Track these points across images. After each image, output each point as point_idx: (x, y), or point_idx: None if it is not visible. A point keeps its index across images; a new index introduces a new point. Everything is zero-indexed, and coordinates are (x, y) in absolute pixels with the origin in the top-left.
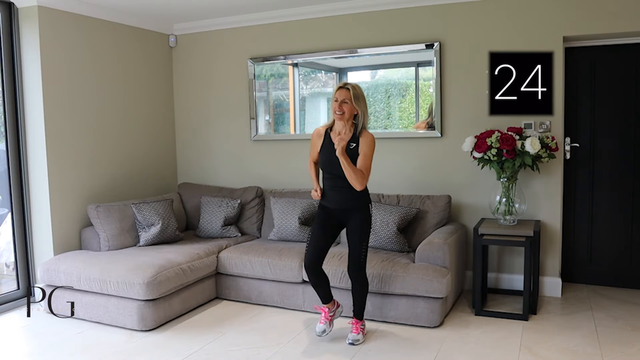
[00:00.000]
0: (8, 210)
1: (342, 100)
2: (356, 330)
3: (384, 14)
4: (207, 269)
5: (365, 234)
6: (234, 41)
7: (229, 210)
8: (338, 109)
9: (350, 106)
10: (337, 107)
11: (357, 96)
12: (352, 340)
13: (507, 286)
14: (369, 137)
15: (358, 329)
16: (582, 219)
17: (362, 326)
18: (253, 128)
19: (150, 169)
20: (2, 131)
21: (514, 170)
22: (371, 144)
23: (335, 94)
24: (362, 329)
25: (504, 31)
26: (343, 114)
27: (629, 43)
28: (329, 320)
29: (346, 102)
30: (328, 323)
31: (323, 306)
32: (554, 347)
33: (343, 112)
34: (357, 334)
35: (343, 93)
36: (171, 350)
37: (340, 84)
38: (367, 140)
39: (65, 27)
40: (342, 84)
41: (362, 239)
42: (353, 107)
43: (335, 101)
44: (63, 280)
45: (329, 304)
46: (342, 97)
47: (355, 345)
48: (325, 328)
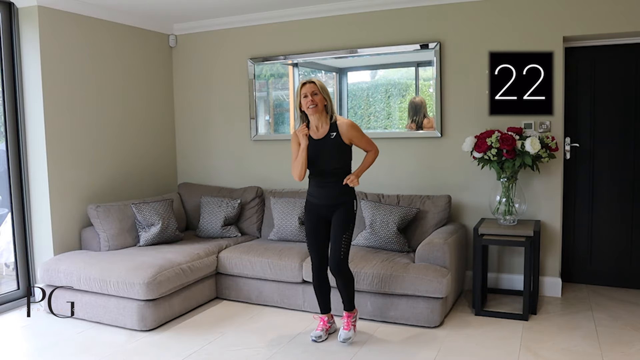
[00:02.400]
0: (8, 210)
1: (312, 93)
2: (347, 326)
3: (384, 14)
4: (207, 269)
5: (346, 228)
6: (234, 41)
7: (229, 210)
8: (311, 103)
9: (320, 96)
10: (310, 101)
11: (322, 87)
12: (343, 339)
13: (507, 286)
14: (347, 122)
15: (349, 325)
16: (582, 219)
17: (354, 320)
18: (253, 128)
19: (150, 169)
20: (2, 131)
21: (514, 170)
22: (354, 126)
23: (301, 92)
24: (354, 323)
25: (504, 31)
26: (316, 106)
27: (629, 43)
28: (327, 329)
29: (316, 94)
30: (325, 331)
31: (322, 315)
32: (554, 347)
33: (316, 104)
34: (348, 331)
35: (310, 87)
36: (171, 350)
37: (302, 82)
38: (348, 126)
39: (65, 27)
40: (303, 81)
41: (342, 233)
42: (323, 97)
43: (304, 97)
44: (63, 280)
45: (328, 315)
46: (311, 90)
47: (345, 343)
48: (322, 334)
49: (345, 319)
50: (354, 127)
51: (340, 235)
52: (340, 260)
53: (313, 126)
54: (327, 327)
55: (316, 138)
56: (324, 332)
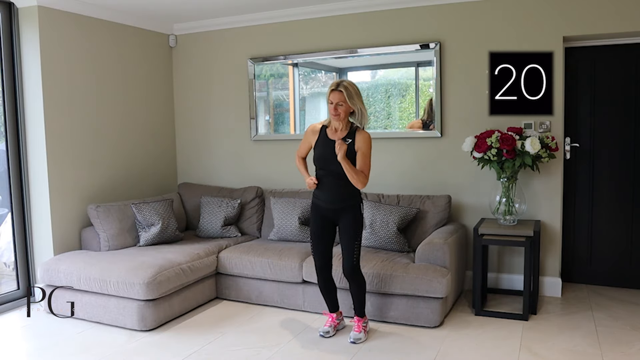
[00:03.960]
0: (8, 210)
1: (337, 103)
2: (358, 328)
3: (384, 14)
4: (207, 269)
5: (356, 233)
6: (234, 41)
7: (229, 210)
8: (334, 112)
9: (345, 107)
10: (333, 109)
11: (350, 96)
12: (353, 339)
13: (507, 286)
14: (365, 134)
15: (360, 328)
16: (582, 219)
17: (365, 324)
18: (253, 128)
19: (150, 169)
20: (2, 131)
21: (514, 170)
22: (368, 142)
23: (329, 96)
24: (365, 327)
25: (504, 31)
26: (339, 115)
27: (629, 43)
28: (335, 325)
29: (341, 105)
30: (333, 327)
31: (331, 313)
32: (554, 347)
33: (339, 114)
34: (360, 333)
35: (337, 96)
36: (171, 350)
37: (333, 85)
38: (364, 138)
39: (65, 27)
40: (334, 85)
41: (353, 239)
42: (349, 107)
43: (330, 103)
44: (63, 280)
45: (336, 313)
46: (337, 100)
47: (356, 344)
48: (330, 330)
49: (356, 322)
50: (367, 141)
51: (352, 242)
52: (354, 266)
53: (332, 126)
54: (335, 324)
55: (331, 138)
56: (332, 329)
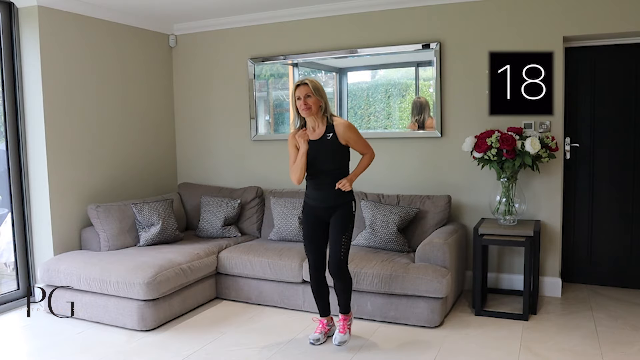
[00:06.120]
0: (8, 210)
1: (305, 95)
2: (343, 329)
3: (384, 14)
4: (207, 269)
5: (344, 229)
6: (234, 41)
7: (229, 210)
8: (304, 105)
9: (314, 99)
10: (303, 103)
11: (316, 88)
12: (338, 342)
13: (507, 286)
14: (344, 123)
15: (345, 328)
16: (582, 219)
17: (349, 323)
18: (253, 128)
19: (150, 169)
20: (2, 131)
21: (514, 170)
22: (352, 127)
23: (295, 93)
24: (349, 326)
25: (504, 31)
26: (310, 109)
27: (629, 43)
28: (325, 332)
29: (309, 96)
30: (324, 334)
31: (321, 318)
32: (554, 347)
33: (310, 107)
34: (344, 334)
35: (303, 89)
36: (171, 350)
37: (296, 83)
38: (345, 127)
39: (65, 27)
40: (298, 82)
41: (340, 234)
42: (317, 100)
43: (298, 99)
44: (63, 280)
45: (327, 318)
46: (304, 93)
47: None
48: (320, 337)
49: (341, 322)
50: (350, 128)
51: (340, 235)
52: (340, 261)
53: (309, 127)
54: (325, 330)
55: (313, 139)
56: (322, 335)
